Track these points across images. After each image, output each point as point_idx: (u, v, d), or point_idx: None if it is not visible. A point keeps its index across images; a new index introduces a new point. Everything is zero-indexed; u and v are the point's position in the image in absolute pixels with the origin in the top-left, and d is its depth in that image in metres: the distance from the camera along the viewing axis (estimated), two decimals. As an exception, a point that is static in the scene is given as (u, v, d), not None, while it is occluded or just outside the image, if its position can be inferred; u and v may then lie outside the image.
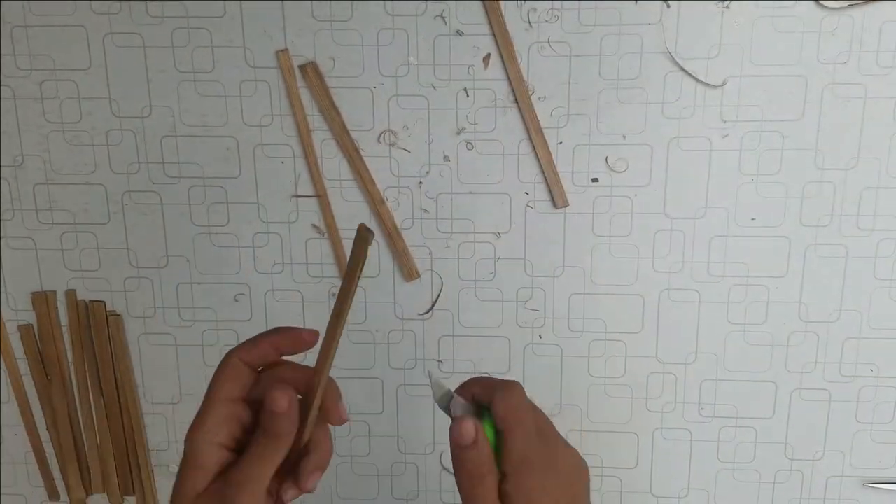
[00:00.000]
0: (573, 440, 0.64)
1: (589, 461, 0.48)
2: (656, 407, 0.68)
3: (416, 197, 0.65)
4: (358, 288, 0.66)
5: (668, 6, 0.60)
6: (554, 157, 0.63)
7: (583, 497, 0.48)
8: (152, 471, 0.72)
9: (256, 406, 0.44)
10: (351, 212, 0.65)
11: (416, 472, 0.71)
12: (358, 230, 0.42)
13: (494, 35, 0.61)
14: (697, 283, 0.65)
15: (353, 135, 0.64)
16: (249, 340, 0.45)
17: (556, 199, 0.64)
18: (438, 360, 0.68)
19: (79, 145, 0.65)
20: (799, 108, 0.61)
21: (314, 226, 0.66)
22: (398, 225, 0.65)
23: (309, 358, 0.44)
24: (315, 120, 0.63)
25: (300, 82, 0.63)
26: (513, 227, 0.65)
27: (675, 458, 0.69)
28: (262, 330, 0.47)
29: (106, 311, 0.68)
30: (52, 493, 0.72)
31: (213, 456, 0.43)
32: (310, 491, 0.44)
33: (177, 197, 0.66)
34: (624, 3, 0.60)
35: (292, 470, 0.44)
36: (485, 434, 0.45)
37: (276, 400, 0.42)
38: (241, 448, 0.44)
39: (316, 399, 0.44)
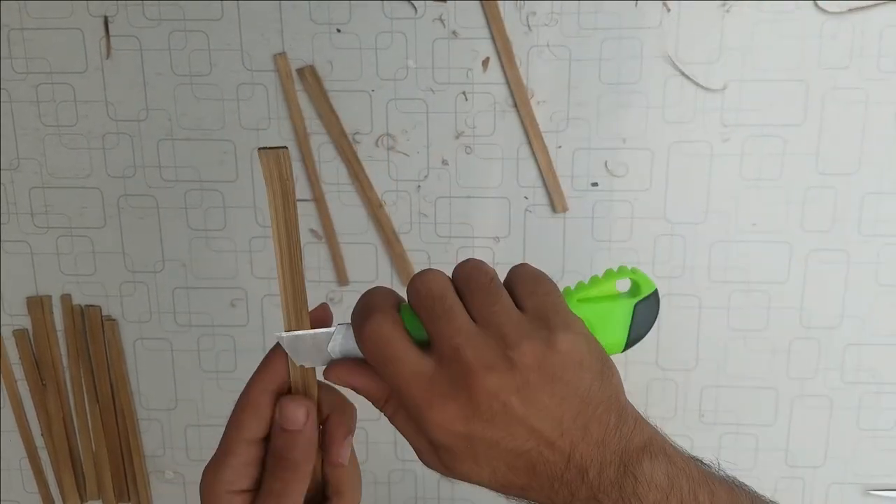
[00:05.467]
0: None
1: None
2: (657, 414, 0.67)
3: (414, 201, 0.64)
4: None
5: (669, 10, 0.60)
6: (553, 161, 0.63)
7: (597, 396, 0.34)
8: (147, 477, 0.71)
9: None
10: (349, 216, 0.65)
11: (413, 478, 0.70)
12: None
13: (494, 38, 0.61)
14: (698, 288, 0.64)
15: (351, 138, 0.63)
16: (262, 364, 0.38)
17: (556, 203, 0.63)
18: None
19: (75, 149, 0.65)
20: (800, 112, 0.61)
21: (312, 230, 0.65)
22: (396, 229, 0.65)
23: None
24: (313, 124, 0.63)
25: (298, 86, 0.62)
26: (512, 231, 0.64)
27: (675, 465, 0.68)
28: (258, 335, 0.42)
29: (101, 316, 0.68)
30: (47, 500, 0.72)
31: None
32: None
33: (173, 201, 0.65)
34: (624, 7, 0.60)
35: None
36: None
37: (289, 414, 0.35)
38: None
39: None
